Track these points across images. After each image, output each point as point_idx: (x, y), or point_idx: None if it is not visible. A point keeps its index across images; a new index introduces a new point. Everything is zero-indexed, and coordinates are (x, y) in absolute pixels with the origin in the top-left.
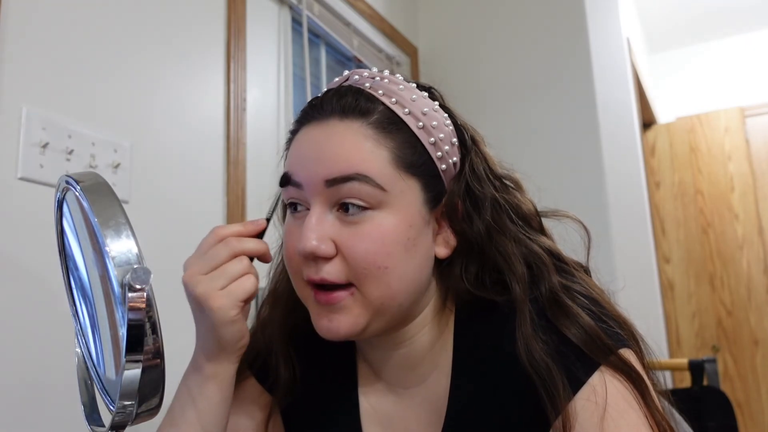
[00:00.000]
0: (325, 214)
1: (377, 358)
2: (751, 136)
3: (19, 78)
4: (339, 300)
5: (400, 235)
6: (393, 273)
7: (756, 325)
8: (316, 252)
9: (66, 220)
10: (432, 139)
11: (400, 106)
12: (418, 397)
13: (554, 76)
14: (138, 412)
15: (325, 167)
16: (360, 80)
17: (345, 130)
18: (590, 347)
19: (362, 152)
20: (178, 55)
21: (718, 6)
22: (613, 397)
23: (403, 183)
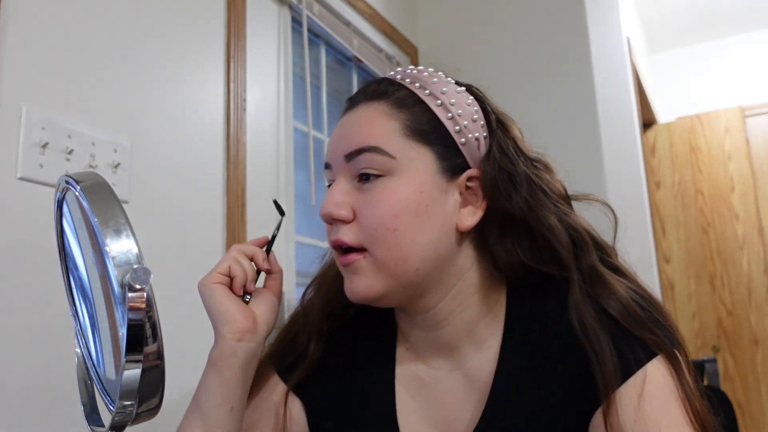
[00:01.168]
0: (345, 184)
1: (418, 339)
2: (751, 136)
3: (19, 78)
4: (352, 261)
5: (410, 199)
6: (403, 236)
7: (756, 325)
8: (333, 214)
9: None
10: (449, 114)
11: (421, 89)
12: (460, 379)
13: (554, 76)
14: (138, 412)
15: (345, 144)
16: (393, 74)
17: (366, 110)
18: (642, 333)
19: (374, 126)
20: (178, 55)
21: (718, 6)
22: (660, 390)
23: (413, 151)
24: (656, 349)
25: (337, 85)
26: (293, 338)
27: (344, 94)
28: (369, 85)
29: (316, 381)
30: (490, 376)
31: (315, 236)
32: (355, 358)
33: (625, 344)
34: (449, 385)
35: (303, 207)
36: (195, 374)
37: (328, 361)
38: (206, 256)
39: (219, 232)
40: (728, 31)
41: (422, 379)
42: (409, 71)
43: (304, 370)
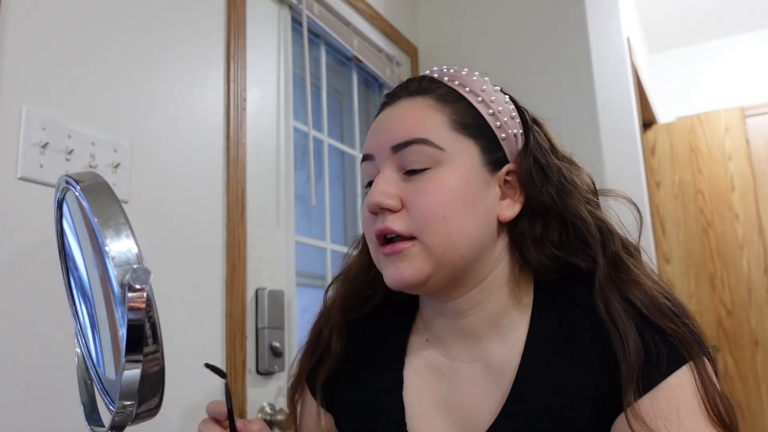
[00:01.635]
0: (392, 174)
1: (442, 328)
2: (751, 136)
3: (19, 78)
4: (403, 249)
5: (458, 188)
6: (452, 223)
7: (756, 325)
8: (382, 203)
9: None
10: (490, 110)
11: (461, 86)
12: (480, 370)
13: (554, 76)
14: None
15: (391, 135)
16: (429, 72)
17: (409, 104)
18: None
19: (422, 119)
20: (178, 55)
21: (718, 6)
22: (688, 400)
23: (460, 143)
24: (682, 351)
25: (337, 85)
26: (318, 337)
27: (344, 94)
28: (410, 82)
29: (336, 377)
30: (514, 368)
31: (315, 236)
32: (368, 350)
33: (653, 344)
34: (468, 376)
35: (303, 207)
36: (195, 374)
37: (346, 354)
38: (206, 256)
39: (219, 232)
40: (728, 31)
41: (439, 369)
42: (446, 70)
43: (328, 367)
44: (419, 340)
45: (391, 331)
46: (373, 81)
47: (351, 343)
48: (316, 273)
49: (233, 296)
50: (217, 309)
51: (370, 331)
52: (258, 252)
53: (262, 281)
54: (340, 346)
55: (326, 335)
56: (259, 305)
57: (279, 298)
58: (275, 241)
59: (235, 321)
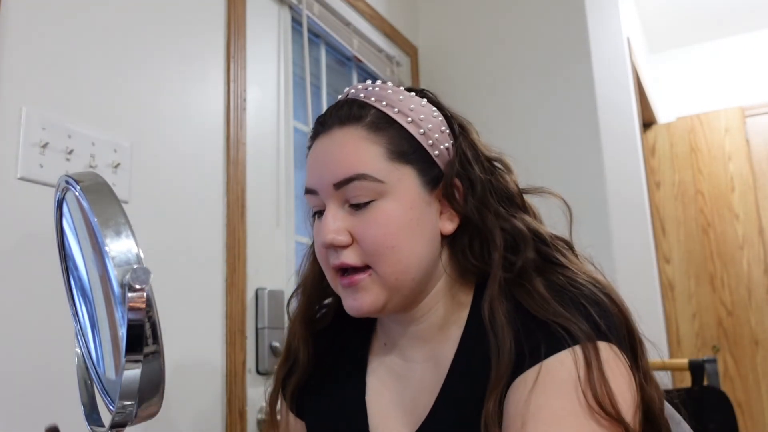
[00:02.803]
0: (338, 210)
1: (397, 333)
2: (751, 136)
3: (19, 78)
4: (358, 281)
5: (403, 216)
6: (402, 251)
7: (756, 325)
8: (333, 242)
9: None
10: (421, 130)
11: (390, 107)
12: (430, 369)
13: (554, 75)
14: (138, 412)
15: (331, 172)
16: (355, 93)
17: (343, 136)
18: (555, 329)
19: (358, 153)
20: (178, 55)
21: (718, 6)
22: (559, 382)
23: (398, 172)
24: (565, 337)
25: (337, 85)
26: (287, 350)
27: None
28: (339, 108)
29: (305, 386)
30: (450, 360)
31: None
32: (333, 359)
33: (531, 339)
34: (420, 374)
35: (303, 207)
36: (194, 374)
37: (314, 364)
38: (206, 256)
39: (219, 232)
40: (728, 31)
41: (396, 372)
42: (371, 89)
43: (297, 377)
44: (379, 345)
45: (353, 339)
46: (373, 81)
47: (317, 354)
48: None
49: (233, 296)
50: (217, 309)
51: (334, 341)
52: (258, 252)
53: (262, 281)
54: (306, 357)
55: (294, 347)
56: (259, 305)
57: (279, 298)
58: (275, 241)
59: (235, 321)
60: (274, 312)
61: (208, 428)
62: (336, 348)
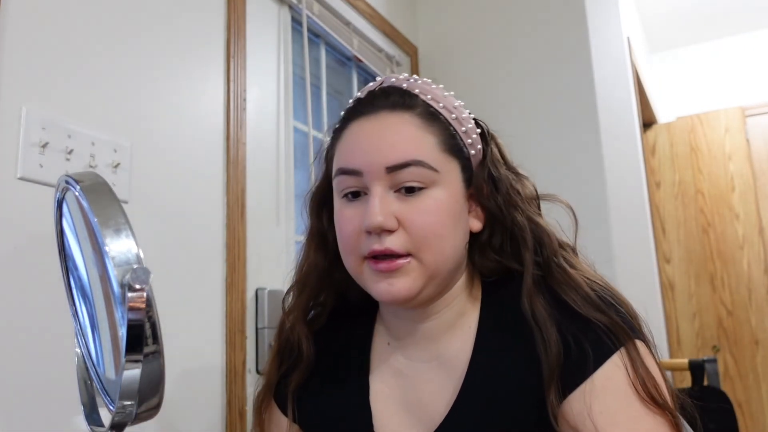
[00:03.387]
0: (386, 194)
1: (403, 331)
2: (751, 136)
3: (19, 78)
4: (399, 266)
5: (451, 208)
6: (447, 241)
7: (756, 325)
8: (384, 225)
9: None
10: (463, 128)
11: (435, 102)
12: (435, 368)
13: (554, 75)
14: (138, 412)
15: (385, 155)
16: (396, 82)
17: (397, 121)
18: (600, 332)
19: (415, 140)
20: (178, 55)
21: (718, 6)
22: (619, 390)
23: (448, 164)
24: (610, 341)
25: (337, 85)
26: (283, 347)
27: (344, 94)
28: (386, 94)
29: (302, 389)
30: (465, 363)
31: None
32: (333, 359)
33: (578, 345)
34: (425, 374)
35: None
36: (194, 374)
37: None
38: (206, 257)
39: (219, 232)
40: (728, 31)
41: (400, 370)
42: (414, 81)
43: (299, 374)
44: (381, 344)
45: (353, 339)
46: (373, 81)
47: (315, 354)
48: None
49: (233, 296)
50: (217, 309)
51: (331, 342)
52: (258, 252)
53: (262, 281)
54: (310, 352)
55: (295, 343)
56: (259, 305)
57: (279, 298)
58: (275, 241)
59: (235, 321)
60: (274, 312)
61: (208, 428)
62: (334, 348)
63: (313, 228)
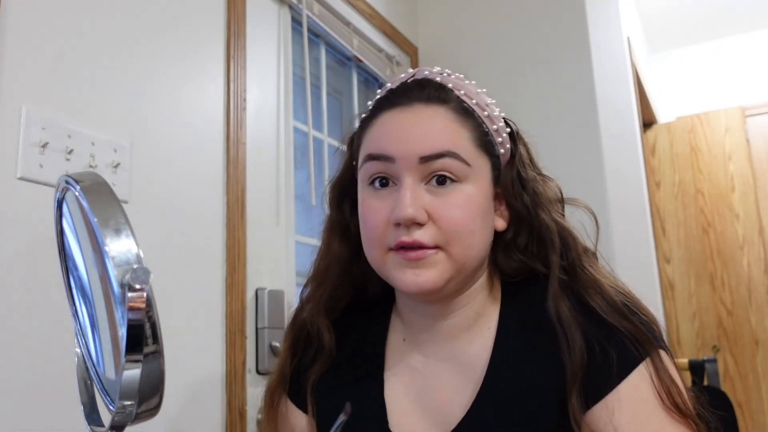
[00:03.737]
0: (417, 185)
1: (420, 327)
2: (751, 136)
3: (19, 78)
4: (427, 256)
5: (481, 203)
6: (476, 236)
7: (756, 325)
8: (415, 218)
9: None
10: (494, 126)
11: (467, 98)
12: (452, 368)
13: (554, 75)
14: (138, 412)
15: (420, 145)
16: (431, 75)
17: (432, 113)
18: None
19: (450, 132)
20: (178, 55)
21: (718, 6)
22: (644, 400)
23: (480, 160)
24: (635, 350)
25: (337, 85)
26: (298, 341)
27: (344, 94)
28: (420, 87)
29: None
30: (484, 364)
31: (314, 236)
32: (347, 354)
33: (600, 348)
34: (442, 373)
35: (303, 207)
36: (194, 374)
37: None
38: (206, 256)
39: (219, 232)
40: (728, 31)
41: (415, 368)
42: (447, 75)
43: (321, 364)
44: (397, 340)
45: (368, 334)
46: (373, 81)
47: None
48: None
49: (233, 296)
50: (217, 309)
51: (347, 335)
52: (258, 252)
53: (262, 281)
54: (332, 344)
55: (314, 337)
56: (259, 305)
57: (279, 298)
58: (275, 241)
59: (235, 321)
60: (274, 312)
61: (208, 428)
62: (349, 343)
63: (334, 219)
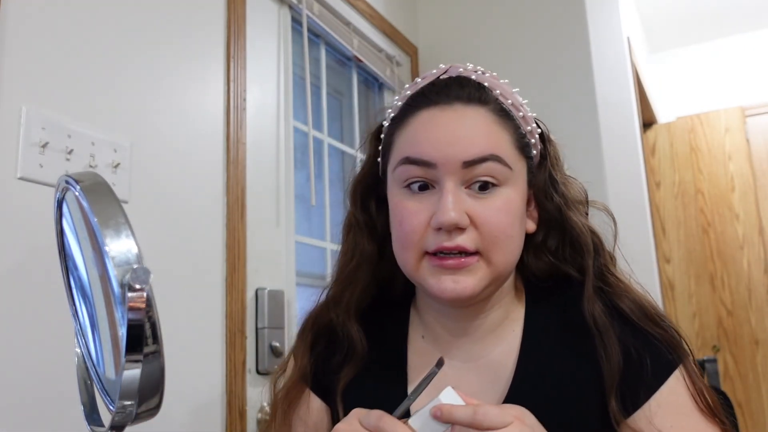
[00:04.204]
0: (458, 190)
1: (443, 328)
2: (751, 136)
3: (19, 78)
4: (469, 264)
5: (520, 208)
6: (515, 241)
7: (756, 325)
8: (459, 223)
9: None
10: (529, 128)
11: (504, 98)
12: (473, 370)
13: (554, 76)
14: (138, 412)
15: (462, 149)
16: (465, 72)
17: (474, 115)
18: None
19: (492, 135)
20: (178, 55)
21: (718, 6)
22: (682, 403)
23: (520, 163)
24: (670, 355)
25: (337, 85)
26: (328, 338)
27: (344, 94)
28: (460, 85)
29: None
30: (511, 367)
31: (315, 236)
32: (372, 351)
33: (636, 353)
34: (465, 375)
35: (303, 207)
36: (194, 374)
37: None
38: (206, 256)
39: (219, 232)
40: (728, 31)
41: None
42: (483, 73)
43: (352, 367)
44: (416, 337)
45: (391, 333)
46: (373, 81)
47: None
48: (316, 273)
49: (233, 296)
50: (217, 309)
51: (370, 335)
52: (258, 252)
53: (262, 281)
54: (363, 346)
55: (346, 337)
56: (259, 305)
57: (279, 298)
58: (275, 241)
59: (235, 321)
60: (273, 312)
61: (207, 428)
62: (373, 343)
63: (360, 218)
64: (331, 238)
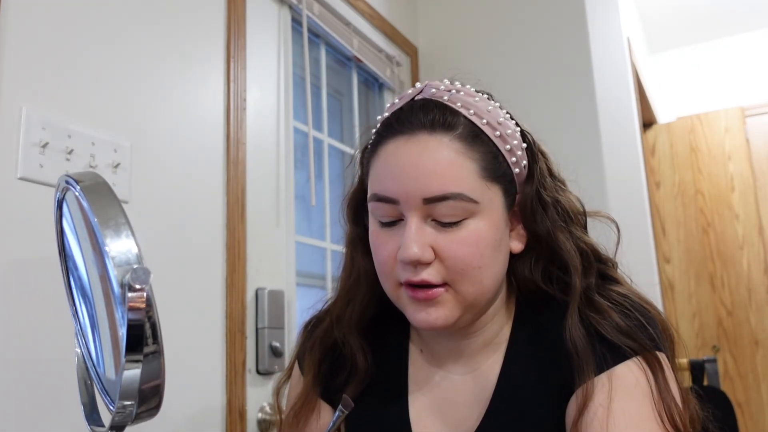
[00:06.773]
0: (422, 224)
1: (440, 346)
2: (751, 136)
3: (19, 78)
4: (437, 296)
5: (491, 237)
6: (485, 272)
7: (756, 325)
8: (421, 259)
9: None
10: (507, 146)
11: (478, 117)
12: (470, 381)
13: (554, 76)
14: (138, 412)
15: (422, 185)
16: (437, 93)
17: (436, 146)
18: (623, 342)
19: (454, 169)
20: (178, 55)
21: (718, 6)
22: (630, 387)
23: (489, 192)
24: (632, 353)
25: (337, 85)
26: (332, 356)
27: (344, 94)
28: (426, 111)
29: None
30: (496, 376)
31: (314, 236)
32: (374, 366)
33: (599, 351)
34: (460, 387)
35: (303, 207)
36: (194, 374)
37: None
38: (206, 256)
39: (219, 232)
40: (728, 31)
41: (436, 382)
42: (455, 93)
43: (356, 384)
44: (415, 351)
45: (391, 348)
46: (373, 81)
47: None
48: (316, 273)
49: (233, 296)
50: (217, 309)
51: (371, 348)
52: (258, 252)
53: (262, 281)
54: (366, 365)
55: (347, 357)
56: (259, 305)
57: (279, 298)
58: (275, 241)
59: (235, 321)
60: (274, 312)
61: (207, 428)
62: (374, 354)
63: (354, 233)
64: (331, 238)
